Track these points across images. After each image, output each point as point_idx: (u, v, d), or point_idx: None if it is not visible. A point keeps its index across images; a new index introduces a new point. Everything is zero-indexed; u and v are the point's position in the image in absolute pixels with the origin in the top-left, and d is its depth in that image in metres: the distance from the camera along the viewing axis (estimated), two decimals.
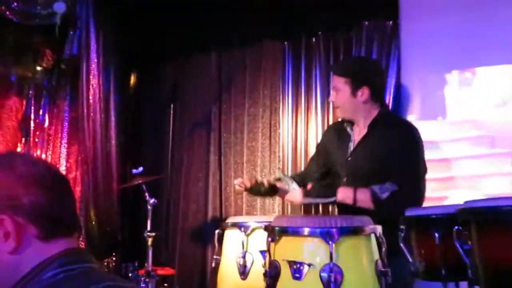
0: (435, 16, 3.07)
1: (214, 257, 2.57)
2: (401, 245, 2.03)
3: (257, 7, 3.71)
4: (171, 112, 3.75)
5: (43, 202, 0.94)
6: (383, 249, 1.84)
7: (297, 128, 3.66)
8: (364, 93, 2.40)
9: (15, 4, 3.02)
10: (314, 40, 3.67)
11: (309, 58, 3.68)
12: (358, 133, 2.51)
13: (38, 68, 4.24)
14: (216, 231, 2.56)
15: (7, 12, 3.04)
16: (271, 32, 3.80)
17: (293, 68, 3.74)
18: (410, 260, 2.05)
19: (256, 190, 2.58)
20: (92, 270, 0.95)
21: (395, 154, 2.35)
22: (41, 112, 4.18)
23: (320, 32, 3.62)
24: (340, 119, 2.66)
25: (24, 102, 4.11)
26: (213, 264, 2.57)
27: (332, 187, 2.53)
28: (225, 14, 3.81)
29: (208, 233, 3.83)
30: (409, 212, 2.08)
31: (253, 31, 3.83)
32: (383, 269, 1.79)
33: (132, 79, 4.33)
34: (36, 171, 0.98)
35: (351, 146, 2.51)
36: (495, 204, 1.55)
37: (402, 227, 2.03)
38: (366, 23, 3.41)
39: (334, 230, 1.73)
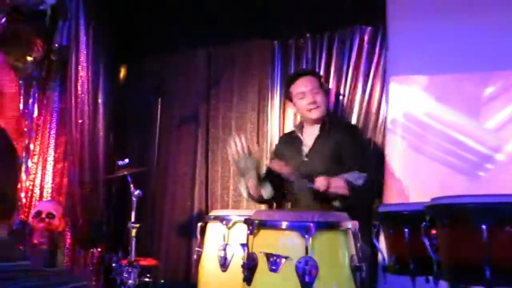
0: (422, 20, 3.12)
1: (196, 249, 2.62)
2: (374, 240, 2.10)
3: (246, 6, 3.74)
4: (159, 105, 3.77)
5: None
6: (359, 244, 1.90)
7: (284, 126, 3.71)
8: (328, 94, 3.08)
9: None
10: (302, 41, 3.72)
11: (298, 58, 3.73)
12: (309, 135, 2.95)
13: (29, 58, 4.24)
14: (199, 224, 2.62)
15: None
16: (261, 31, 3.84)
17: (282, 68, 3.79)
18: (383, 255, 2.12)
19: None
20: None
21: (348, 150, 2.78)
22: (30, 102, 4.19)
23: (308, 34, 3.67)
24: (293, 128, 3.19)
25: None
26: (195, 256, 2.62)
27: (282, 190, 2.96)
28: (214, 12, 3.84)
29: (193, 226, 3.86)
30: (382, 208, 2.14)
31: (242, 29, 3.85)
32: (358, 264, 1.85)
33: (121, 72, 4.35)
34: None
35: (305, 149, 2.92)
36: (457, 201, 1.62)
37: (375, 222, 2.10)
38: (352, 27, 3.48)
39: (311, 224, 1.78)
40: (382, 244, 2.11)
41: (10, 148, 0.82)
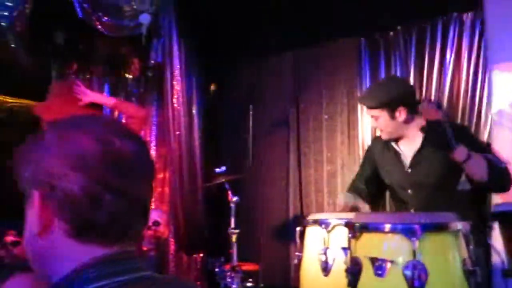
0: None
1: (296, 253, 2.61)
2: (490, 243, 1.95)
3: (330, 5, 3.70)
4: (250, 113, 3.85)
5: (77, 194, 0.75)
6: (471, 247, 1.78)
7: None
8: (401, 113, 2.46)
9: (106, 18, 3.27)
10: (391, 34, 3.58)
11: (387, 53, 3.61)
12: (408, 145, 2.56)
13: (127, 76, 4.54)
14: (298, 228, 2.61)
15: (99, 26, 3.30)
16: (346, 29, 3.77)
17: (370, 64, 3.69)
18: (502, 258, 1.97)
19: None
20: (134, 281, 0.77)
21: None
22: None
23: (399, 27, 3.53)
24: None
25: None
26: (296, 261, 2.62)
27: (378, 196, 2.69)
28: (298, 14, 3.84)
29: (290, 230, 3.88)
30: (500, 207, 1.99)
31: (327, 29, 3.81)
32: (471, 269, 1.74)
33: (212, 83, 4.49)
34: (94, 151, 0.76)
35: (405, 159, 2.56)
36: None
37: (491, 223, 1.95)
38: (445, 15, 3.29)
39: (416, 226, 1.71)
40: (499, 246, 1.96)
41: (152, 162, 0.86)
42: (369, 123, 3.62)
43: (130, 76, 4.50)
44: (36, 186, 0.78)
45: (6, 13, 3.41)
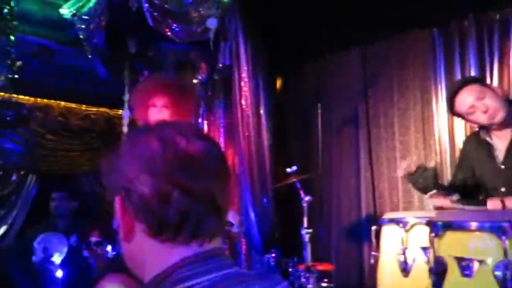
0: None
1: (372, 253, 2.55)
2: None
3: None
4: (318, 111, 3.80)
5: (148, 195, 0.77)
6: None
7: (453, 119, 3.42)
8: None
9: (175, 25, 3.36)
10: (466, 23, 3.40)
11: (462, 44, 3.42)
12: (500, 140, 2.35)
13: (195, 81, 4.65)
14: (373, 228, 2.55)
15: (169, 33, 3.41)
16: (417, 20, 3.62)
17: (445, 56, 3.52)
18: None
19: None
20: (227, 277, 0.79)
21: None
22: (200, 121, 4.57)
23: (470, 14, 3.35)
24: (476, 129, 2.53)
25: None
26: (372, 261, 2.56)
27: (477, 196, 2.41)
28: (365, 7, 3.74)
29: (363, 230, 3.80)
30: None
31: (396, 22, 3.69)
32: None
33: (278, 83, 4.50)
34: (170, 156, 0.78)
35: (499, 155, 2.35)
36: None
37: None
38: None
39: (506, 224, 1.61)
40: None
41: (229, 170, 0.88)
42: (444, 118, 3.46)
43: (198, 80, 4.62)
44: (116, 192, 0.81)
45: (83, 26, 3.61)
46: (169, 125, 0.86)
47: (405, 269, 2.28)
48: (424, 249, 2.18)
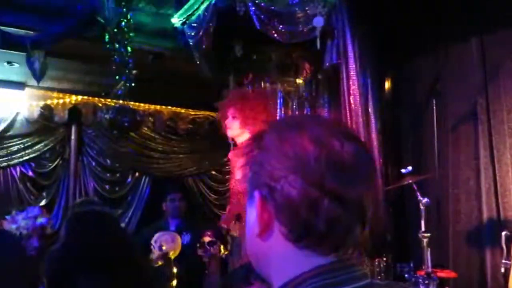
0: None
1: (503, 261, 2.36)
2: None
3: None
4: (434, 107, 3.58)
5: (295, 197, 0.73)
6: None
7: None
8: None
9: (281, 26, 3.37)
10: None
11: None
12: None
13: (299, 81, 4.64)
14: (503, 233, 2.35)
15: (275, 35, 3.42)
16: None
17: None
18: None
19: None
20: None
21: None
22: None
23: None
24: None
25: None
26: (502, 270, 2.36)
27: None
28: None
29: (485, 235, 3.51)
30: None
31: None
32: None
33: (388, 80, 4.32)
34: (317, 154, 0.73)
35: None
36: None
37: None
38: None
39: None
40: None
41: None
42: None
43: (301, 81, 4.59)
44: (257, 186, 0.78)
45: (193, 33, 3.76)
46: (320, 122, 0.82)
47: None
48: None
